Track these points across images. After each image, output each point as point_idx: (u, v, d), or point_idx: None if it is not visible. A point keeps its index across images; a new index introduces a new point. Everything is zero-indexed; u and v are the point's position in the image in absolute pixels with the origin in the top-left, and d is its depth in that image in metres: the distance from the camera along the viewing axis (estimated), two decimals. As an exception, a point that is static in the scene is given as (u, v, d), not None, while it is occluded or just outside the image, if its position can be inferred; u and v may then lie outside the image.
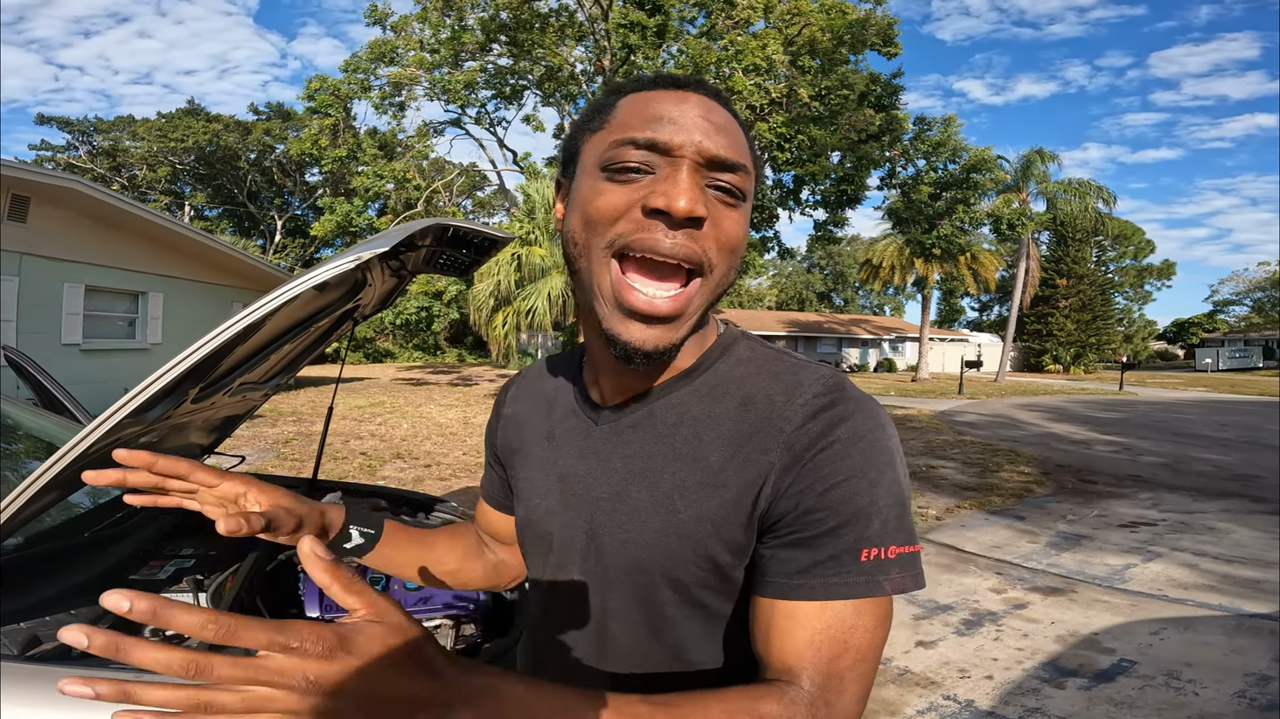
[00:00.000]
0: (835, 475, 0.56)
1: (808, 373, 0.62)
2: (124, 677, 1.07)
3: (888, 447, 0.58)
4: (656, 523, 0.61)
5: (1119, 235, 43.52)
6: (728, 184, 0.59)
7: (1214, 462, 8.66)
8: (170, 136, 33.81)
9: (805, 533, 0.56)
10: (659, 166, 0.57)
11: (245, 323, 1.04)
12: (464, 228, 1.57)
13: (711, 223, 0.58)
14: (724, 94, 0.64)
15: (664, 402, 0.65)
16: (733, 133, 0.60)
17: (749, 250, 16.08)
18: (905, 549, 0.56)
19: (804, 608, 0.55)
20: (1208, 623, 3.55)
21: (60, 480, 1.07)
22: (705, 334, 0.67)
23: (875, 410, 0.60)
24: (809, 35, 13.13)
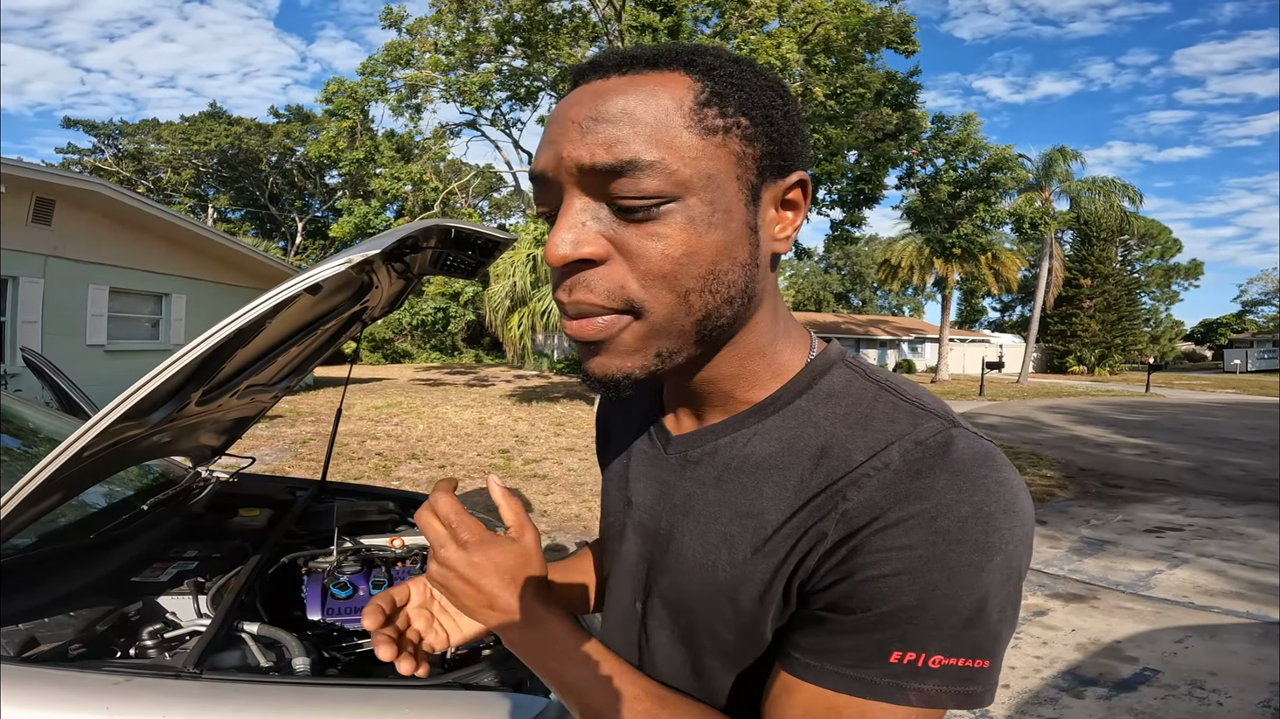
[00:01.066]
0: (885, 566, 0.45)
1: (905, 423, 0.49)
2: (108, 678, 1.05)
3: (982, 541, 0.44)
4: (701, 575, 0.55)
5: (1145, 234, 42.77)
6: (627, 195, 0.46)
7: (1242, 465, 8.46)
8: (194, 140, 34.40)
9: (835, 614, 0.47)
10: (555, 203, 0.49)
11: (234, 328, 1.03)
12: (466, 229, 1.56)
13: (621, 251, 0.47)
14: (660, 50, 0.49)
15: (729, 439, 0.56)
16: (627, 116, 0.46)
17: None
18: (957, 662, 0.45)
19: (805, 688, 0.48)
20: (1234, 631, 3.45)
21: (60, 482, 1.08)
22: (775, 358, 0.56)
23: (986, 489, 0.45)
24: (824, 34, 13.03)
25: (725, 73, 0.48)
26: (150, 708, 1.00)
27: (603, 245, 0.47)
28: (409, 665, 0.60)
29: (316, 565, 1.72)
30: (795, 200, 0.52)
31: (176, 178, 35.29)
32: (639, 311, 0.48)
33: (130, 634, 1.27)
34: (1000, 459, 0.48)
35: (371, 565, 1.77)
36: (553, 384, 19.50)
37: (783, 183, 0.51)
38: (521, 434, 9.76)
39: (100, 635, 1.24)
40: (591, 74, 0.49)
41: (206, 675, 1.07)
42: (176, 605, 1.40)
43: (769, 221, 0.51)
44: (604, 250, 0.47)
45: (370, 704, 1.08)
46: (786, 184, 0.51)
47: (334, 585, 1.61)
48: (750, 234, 0.49)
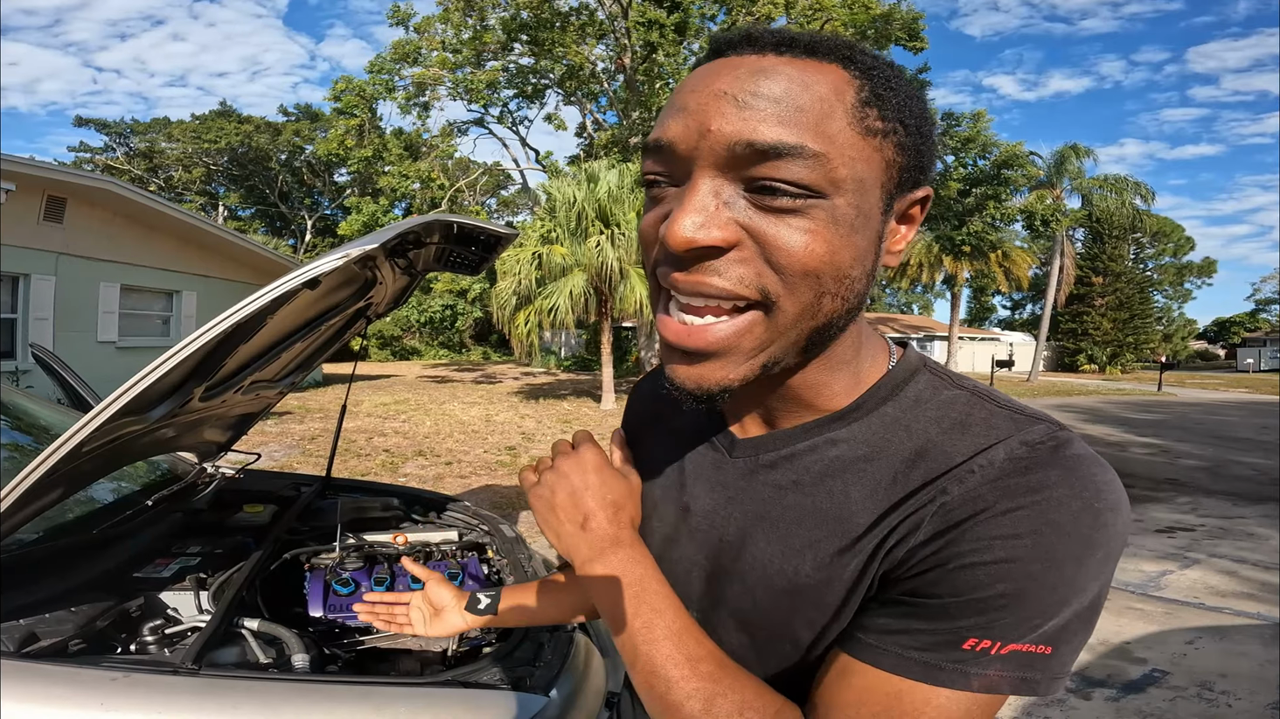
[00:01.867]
0: (989, 554, 0.43)
1: (1009, 426, 0.48)
2: (105, 674, 1.06)
3: (1087, 537, 0.43)
4: (781, 582, 0.53)
5: (1158, 232, 42.39)
6: (771, 180, 0.43)
7: (1255, 465, 8.37)
8: (204, 138, 34.64)
9: (915, 598, 0.46)
10: (679, 177, 0.46)
11: (229, 323, 1.03)
12: (467, 224, 1.55)
13: (751, 244, 0.44)
14: (819, 38, 0.47)
15: (809, 444, 0.54)
16: (785, 97, 0.43)
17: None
18: (1026, 648, 0.44)
19: (865, 671, 0.47)
20: (1245, 632, 3.41)
21: (59, 477, 1.08)
22: (859, 365, 0.54)
23: (1094, 486, 0.45)
24: (832, 30, 12.97)
25: (884, 75, 0.46)
26: (146, 704, 1.00)
27: (735, 231, 0.44)
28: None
29: (319, 562, 1.73)
30: (914, 215, 0.51)
31: (187, 176, 35.54)
32: (770, 307, 0.45)
33: (131, 630, 1.28)
34: (1107, 464, 0.47)
35: (374, 562, 1.77)
36: (560, 381, 19.52)
37: (911, 196, 0.49)
38: (528, 431, 9.77)
39: (101, 631, 1.24)
40: (745, 46, 0.46)
41: (204, 672, 1.07)
42: (178, 601, 1.40)
43: (889, 233, 0.50)
44: (736, 236, 0.44)
45: (369, 701, 1.08)
46: (914, 198, 0.50)
47: (336, 582, 1.61)
48: (878, 244, 0.48)
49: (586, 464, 0.61)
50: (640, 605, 0.55)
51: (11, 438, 2.13)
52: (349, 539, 1.84)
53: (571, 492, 0.60)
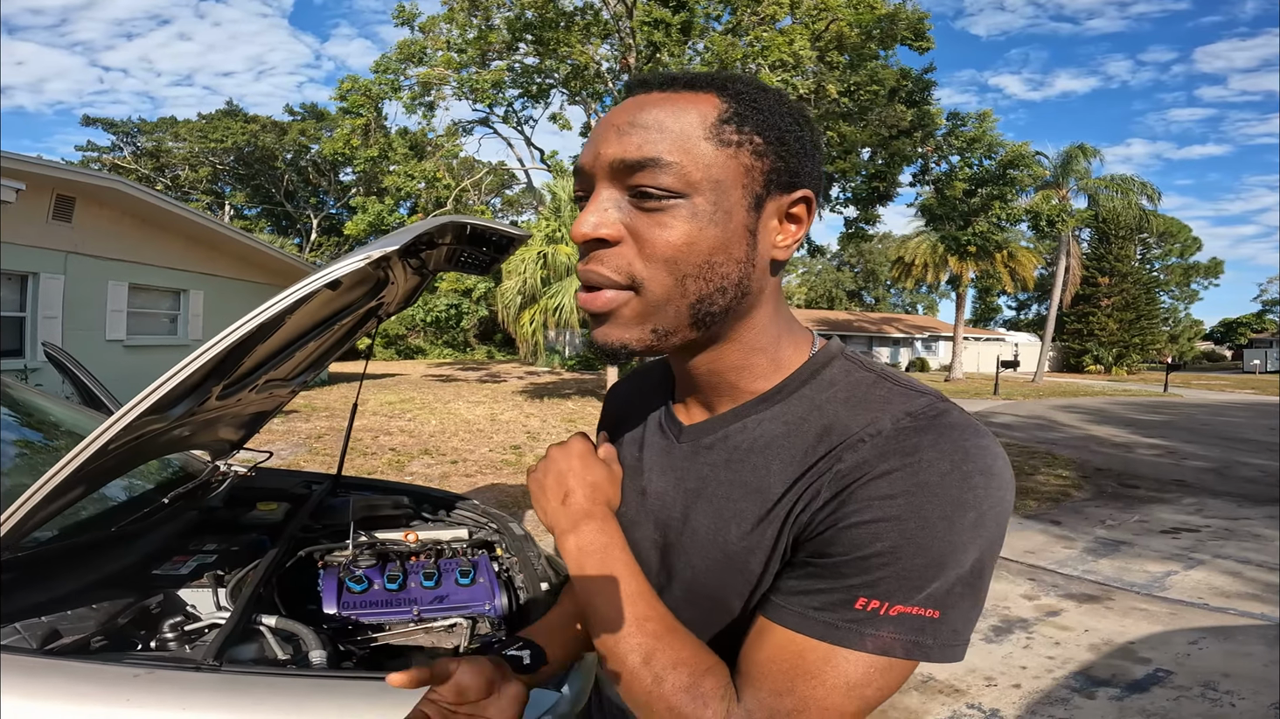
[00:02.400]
0: (868, 513, 0.49)
1: (900, 402, 0.54)
2: (128, 670, 1.07)
3: (959, 499, 0.48)
4: (715, 552, 0.59)
5: (1164, 233, 42.21)
6: (643, 187, 0.53)
7: (1261, 467, 8.35)
8: (210, 137, 34.74)
9: (814, 560, 0.52)
10: (590, 190, 0.58)
11: (256, 323, 1.05)
12: (481, 225, 1.57)
13: (633, 235, 0.54)
14: (702, 75, 0.57)
15: (740, 424, 0.61)
16: (654, 123, 0.53)
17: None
18: (915, 610, 0.48)
19: (774, 631, 0.52)
20: (1249, 632, 3.42)
21: (82, 476, 1.10)
22: (779, 353, 0.61)
23: (966, 452, 0.50)
24: (837, 30, 12.96)
25: (750, 97, 0.56)
26: (170, 700, 1.02)
27: (618, 229, 0.55)
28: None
29: (332, 559, 1.75)
30: (799, 215, 0.58)
31: (194, 175, 35.66)
32: (639, 288, 0.55)
33: (151, 627, 1.30)
34: (985, 432, 0.53)
35: (386, 559, 1.79)
36: (564, 380, 19.55)
37: (788, 197, 0.57)
38: (533, 430, 9.80)
39: (121, 628, 1.26)
40: (639, 88, 0.58)
41: (226, 668, 1.10)
42: (196, 598, 1.43)
43: (770, 230, 0.58)
44: (618, 233, 0.55)
45: (387, 696, 1.10)
46: (791, 199, 0.57)
47: (349, 579, 1.63)
48: (749, 236, 0.56)
49: (572, 451, 0.70)
50: (603, 570, 0.62)
51: (23, 434, 2.15)
52: (361, 537, 1.86)
53: (558, 474, 0.69)
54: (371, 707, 1.07)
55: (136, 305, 10.80)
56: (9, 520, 1.02)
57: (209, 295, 12.19)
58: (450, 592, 1.67)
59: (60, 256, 9.24)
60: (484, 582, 1.73)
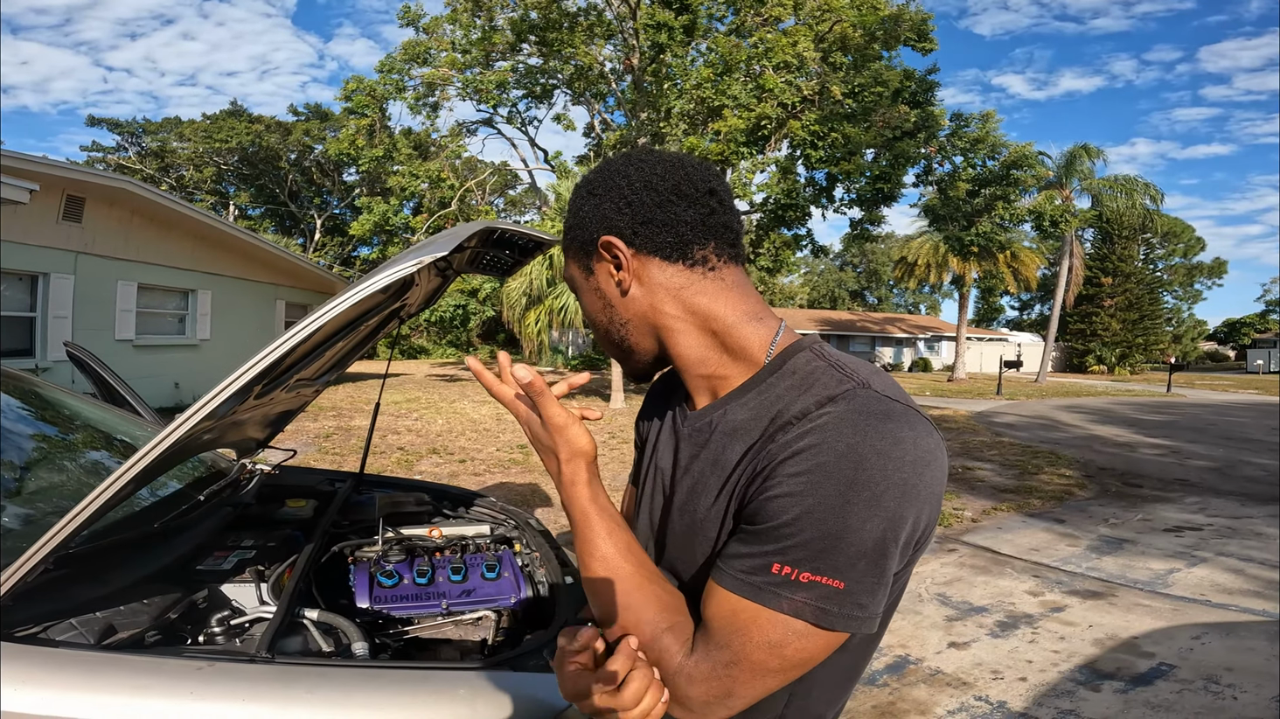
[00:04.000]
0: (779, 487, 0.57)
1: (835, 386, 0.61)
2: (190, 663, 1.13)
3: (850, 477, 0.54)
4: (686, 521, 0.70)
5: (1168, 233, 42.13)
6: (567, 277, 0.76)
7: (1264, 466, 8.38)
8: (215, 138, 34.82)
9: (744, 529, 0.61)
10: None
11: (320, 322, 1.11)
12: (511, 230, 1.63)
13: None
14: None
15: (722, 411, 0.71)
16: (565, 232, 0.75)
17: (783, 249, 16.00)
18: (821, 579, 0.55)
19: (715, 591, 0.61)
20: (1251, 628, 3.47)
21: (141, 475, 1.15)
22: (756, 352, 0.70)
23: (863, 433, 0.56)
24: (840, 31, 12.99)
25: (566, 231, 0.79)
26: (231, 691, 1.07)
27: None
28: None
29: (362, 555, 1.80)
30: (604, 254, 0.73)
31: (198, 175, 35.74)
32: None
33: (199, 621, 1.35)
34: (899, 416, 0.58)
35: (414, 555, 1.85)
36: (568, 380, 19.56)
37: (592, 257, 0.75)
38: (539, 430, 9.85)
39: (172, 623, 1.31)
40: None
41: (279, 660, 1.15)
42: (238, 593, 1.48)
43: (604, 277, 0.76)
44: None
45: (429, 684, 1.15)
46: (595, 254, 0.74)
47: (380, 574, 1.69)
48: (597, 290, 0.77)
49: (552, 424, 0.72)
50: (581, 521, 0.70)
51: (39, 428, 2.20)
52: (389, 533, 1.92)
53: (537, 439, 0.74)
54: (416, 692, 1.13)
55: (145, 305, 10.87)
56: (76, 519, 1.07)
57: (216, 295, 12.27)
58: (477, 585, 1.72)
59: (70, 256, 9.32)
60: (509, 575, 1.78)
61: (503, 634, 1.66)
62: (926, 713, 2.67)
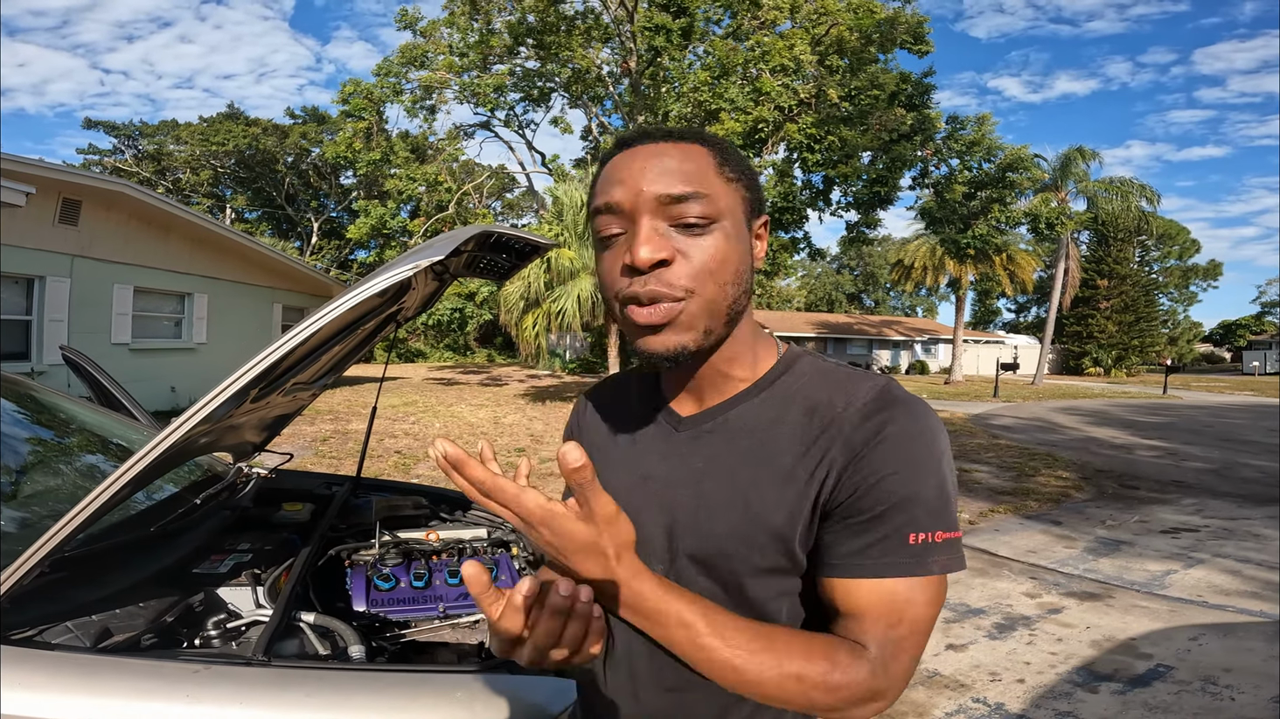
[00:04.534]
0: (885, 468, 0.64)
1: (863, 380, 0.70)
2: (187, 666, 1.13)
3: (933, 445, 0.66)
4: (734, 515, 0.69)
5: (1163, 235, 42.32)
6: (687, 216, 0.66)
7: (1261, 468, 8.41)
8: (212, 140, 34.80)
9: (859, 518, 0.64)
10: (626, 226, 0.67)
11: (316, 326, 1.11)
12: (508, 234, 1.63)
13: (681, 257, 0.66)
14: (683, 130, 0.71)
15: (736, 412, 0.73)
16: (682, 168, 0.67)
17: (780, 252, 16.02)
18: (950, 535, 0.65)
19: (863, 585, 0.64)
20: (1249, 629, 3.47)
21: (138, 478, 1.15)
22: (756, 352, 0.75)
23: (924, 413, 0.68)
24: (837, 35, 13.03)
25: (723, 147, 0.72)
26: (228, 694, 1.07)
27: (671, 251, 0.66)
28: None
29: (359, 558, 1.80)
30: (762, 234, 0.74)
31: (195, 178, 35.71)
32: (691, 297, 0.66)
33: (196, 624, 1.35)
34: (921, 398, 0.70)
35: (411, 558, 1.85)
36: (565, 383, 19.59)
37: (757, 221, 0.73)
38: (536, 433, 9.85)
39: (169, 626, 1.31)
40: (643, 140, 0.70)
41: (275, 663, 1.15)
42: (235, 596, 1.48)
43: (752, 246, 0.73)
44: (672, 254, 0.66)
45: (426, 687, 1.15)
46: (760, 222, 0.74)
47: (377, 577, 1.69)
48: (749, 251, 0.72)
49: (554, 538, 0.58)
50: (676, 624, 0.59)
51: (36, 432, 2.20)
52: (385, 536, 1.92)
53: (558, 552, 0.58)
54: (415, 695, 1.13)
55: (142, 308, 10.85)
56: (72, 523, 1.07)
57: (213, 299, 12.25)
58: (474, 589, 1.72)
59: (66, 260, 9.29)
60: (506, 579, 1.78)
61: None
62: (924, 715, 2.67)
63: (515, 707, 1.18)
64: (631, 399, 0.84)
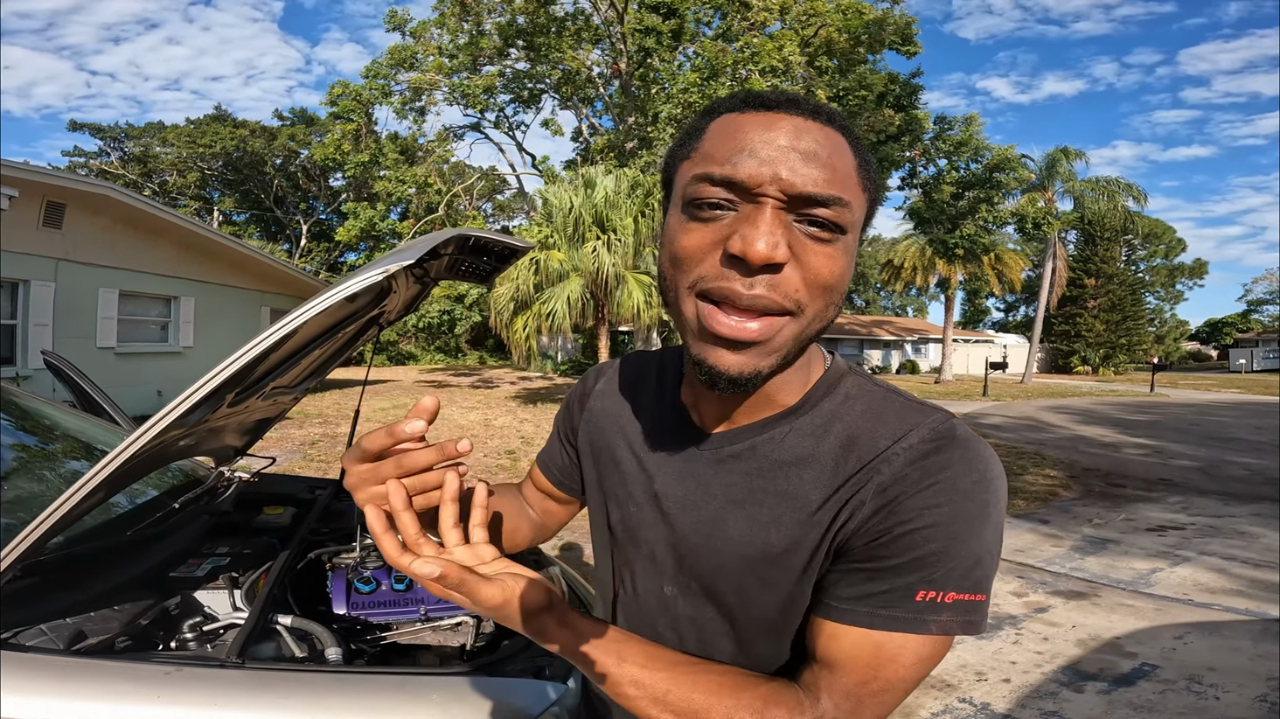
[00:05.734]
0: (919, 521, 0.56)
1: (916, 416, 0.61)
2: (158, 669, 1.12)
3: (986, 500, 0.57)
4: (752, 553, 0.63)
5: (1149, 234, 42.66)
6: (820, 219, 0.55)
7: (1247, 465, 8.48)
8: (199, 142, 34.57)
9: (870, 564, 0.58)
10: (740, 204, 0.56)
11: (283, 332, 1.10)
12: (485, 237, 1.62)
13: (798, 263, 0.56)
14: (829, 109, 0.60)
15: (768, 436, 0.65)
16: (828, 160, 0.56)
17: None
18: (966, 597, 0.57)
19: (848, 632, 0.58)
20: (1234, 627, 3.50)
21: (108, 482, 1.14)
22: (809, 369, 0.66)
23: (984, 462, 0.59)
24: (825, 36, 13.09)
25: (860, 145, 0.61)
26: (199, 697, 1.06)
27: (788, 253, 0.55)
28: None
29: (340, 561, 1.78)
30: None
31: (182, 180, 35.47)
32: (797, 313, 0.57)
33: (171, 627, 1.34)
34: (985, 442, 0.62)
35: (393, 561, 1.83)
36: (557, 386, 19.56)
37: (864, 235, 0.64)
38: (527, 435, 9.82)
39: (144, 629, 1.30)
40: (789, 108, 0.58)
41: (249, 665, 1.14)
42: (212, 599, 1.47)
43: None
44: (788, 257, 0.56)
45: (403, 691, 1.14)
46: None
47: (358, 580, 1.67)
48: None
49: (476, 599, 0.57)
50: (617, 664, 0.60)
51: (18, 438, 2.17)
52: (367, 539, 1.90)
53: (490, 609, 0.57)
54: (390, 698, 1.12)
55: (127, 312, 10.76)
56: (42, 525, 1.06)
57: (200, 302, 12.16)
58: (456, 592, 1.71)
59: (51, 263, 9.20)
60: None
61: (482, 639, 1.66)
62: (910, 715, 2.67)
63: (493, 708, 1.17)
64: (648, 394, 0.76)
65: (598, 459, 0.79)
